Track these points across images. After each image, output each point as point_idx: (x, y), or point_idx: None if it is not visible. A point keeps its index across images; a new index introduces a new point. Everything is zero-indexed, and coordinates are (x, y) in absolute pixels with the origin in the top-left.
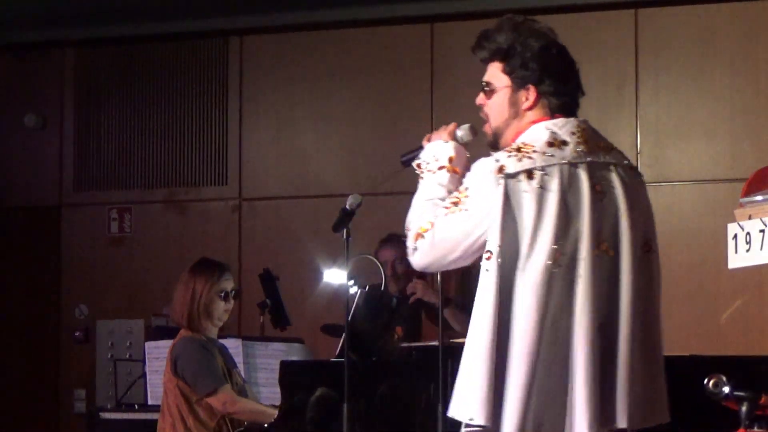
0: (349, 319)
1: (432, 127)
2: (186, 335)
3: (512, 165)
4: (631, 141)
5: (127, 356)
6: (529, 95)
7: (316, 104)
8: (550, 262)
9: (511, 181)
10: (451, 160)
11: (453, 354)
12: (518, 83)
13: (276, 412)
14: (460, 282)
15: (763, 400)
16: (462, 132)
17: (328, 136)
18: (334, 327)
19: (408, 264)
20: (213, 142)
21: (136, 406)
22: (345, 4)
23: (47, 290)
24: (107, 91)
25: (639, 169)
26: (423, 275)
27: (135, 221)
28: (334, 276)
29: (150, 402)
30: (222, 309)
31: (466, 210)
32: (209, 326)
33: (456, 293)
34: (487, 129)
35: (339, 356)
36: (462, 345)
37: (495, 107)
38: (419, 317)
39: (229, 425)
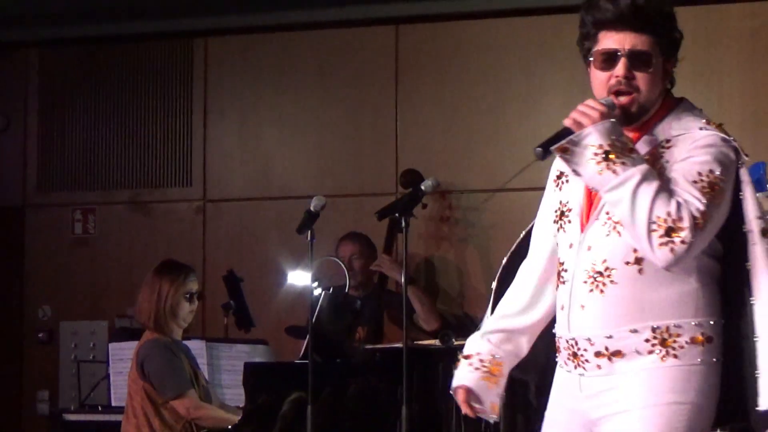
0: (313, 320)
1: (396, 131)
2: (152, 337)
3: (739, 145)
4: None
5: (91, 357)
6: (671, 70)
7: (281, 106)
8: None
9: (742, 170)
10: (630, 140)
11: (417, 356)
12: (668, 58)
13: (239, 417)
14: (425, 265)
15: None
16: (610, 102)
17: (292, 137)
18: (298, 329)
19: (366, 259)
20: (177, 144)
21: (100, 408)
22: (309, 6)
23: (10, 291)
24: (71, 91)
25: None
26: (390, 251)
27: (99, 222)
28: (298, 278)
29: (114, 403)
30: (187, 310)
31: (722, 195)
32: (175, 327)
33: (418, 274)
34: (633, 102)
35: (303, 358)
36: (425, 348)
37: (652, 82)
38: (382, 318)
39: (194, 429)
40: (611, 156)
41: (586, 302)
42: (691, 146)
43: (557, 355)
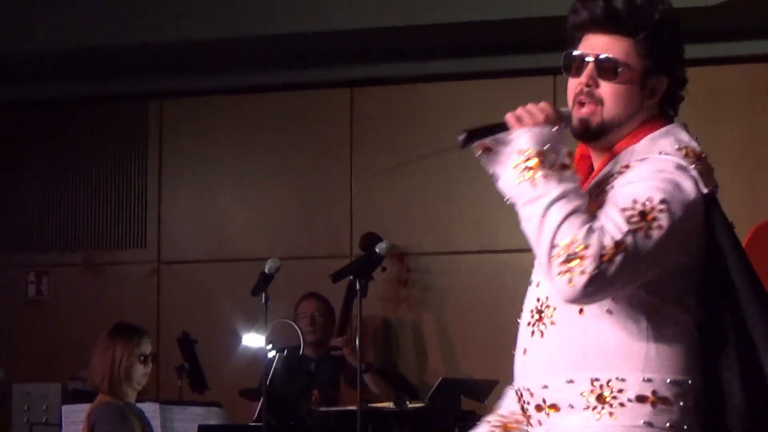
0: (268, 382)
1: (351, 193)
2: (104, 400)
3: (710, 179)
4: None
5: (44, 420)
6: (657, 87)
7: (236, 168)
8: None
9: (712, 197)
10: (570, 155)
11: (371, 418)
12: (653, 69)
13: None
14: (381, 347)
15: None
16: (568, 111)
17: (247, 200)
18: (252, 391)
19: (327, 317)
20: (132, 205)
21: None
22: (264, 69)
23: None
24: (25, 152)
25: None
26: (343, 332)
27: (52, 284)
28: (253, 340)
29: None
30: (141, 373)
31: (660, 228)
32: (128, 390)
33: (375, 359)
34: (595, 116)
35: (257, 420)
36: (379, 410)
37: (619, 95)
38: (338, 380)
39: None
40: (534, 166)
41: (528, 346)
42: (637, 170)
43: None
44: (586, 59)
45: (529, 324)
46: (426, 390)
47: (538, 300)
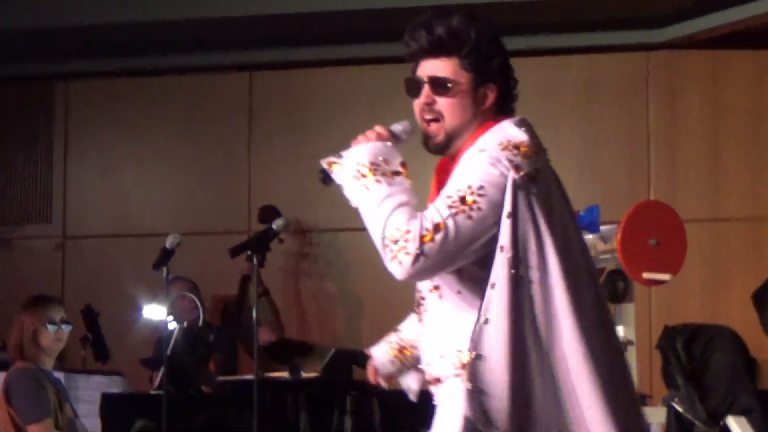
0: (169, 353)
1: (250, 173)
2: (20, 365)
3: (523, 165)
4: None
5: None
6: (488, 94)
7: (139, 147)
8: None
9: (523, 181)
10: (403, 165)
11: (267, 388)
12: (480, 80)
13: None
14: (284, 299)
15: None
16: (401, 128)
17: (150, 177)
18: (153, 360)
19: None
20: (38, 181)
21: None
22: (168, 52)
23: None
24: None
25: None
26: (242, 310)
27: None
28: (154, 312)
29: None
30: (52, 338)
31: (480, 209)
32: (41, 356)
33: (277, 330)
34: (439, 131)
35: (158, 389)
36: (275, 380)
37: (455, 106)
38: (236, 350)
39: None
40: (368, 174)
41: (418, 332)
42: (463, 164)
43: None
44: (421, 81)
45: (415, 313)
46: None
47: (419, 291)
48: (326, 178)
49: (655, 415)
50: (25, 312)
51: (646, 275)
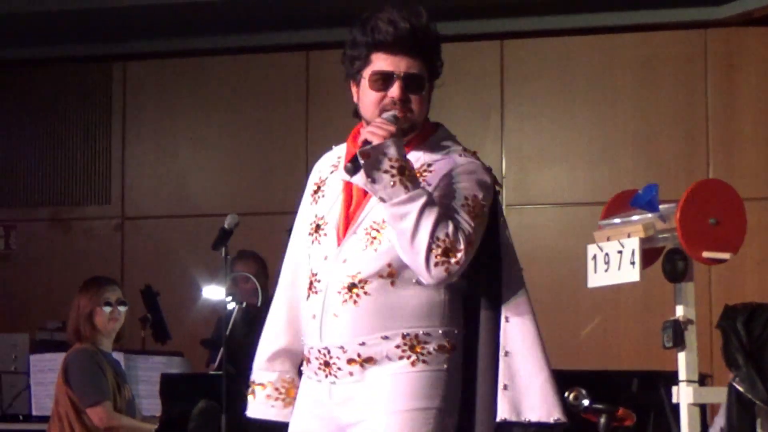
0: (227, 333)
1: (307, 153)
2: (78, 347)
3: (495, 177)
4: (496, 166)
5: (12, 369)
6: (431, 90)
7: (196, 127)
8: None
9: (499, 196)
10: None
11: None
12: (432, 79)
13: (155, 426)
14: None
15: (620, 412)
16: (394, 117)
17: (207, 158)
18: (212, 341)
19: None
20: (97, 163)
21: (21, 417)
22: (224, 33)
23: None
24: None
25: (504, 193)
26: None
27: (20, 238)
28: (213, 292)
29: (34, 413)
30: (107, 318)
31: (484, 222)
32: (98, 337)
33: None
34: (404, 122)
35: (217, 369)
36: None
37: (422, 104)
38: None
39: None
40: (405, 172)
41: (339, 312)
42: (454, 172)
43: (305, 366)
44: (395, 75)
45: (339, 293)
46: None
47: (348, 275)
48: (356, 169)
49: (716, 395)
50: (81, 294)
51: (705, 254)
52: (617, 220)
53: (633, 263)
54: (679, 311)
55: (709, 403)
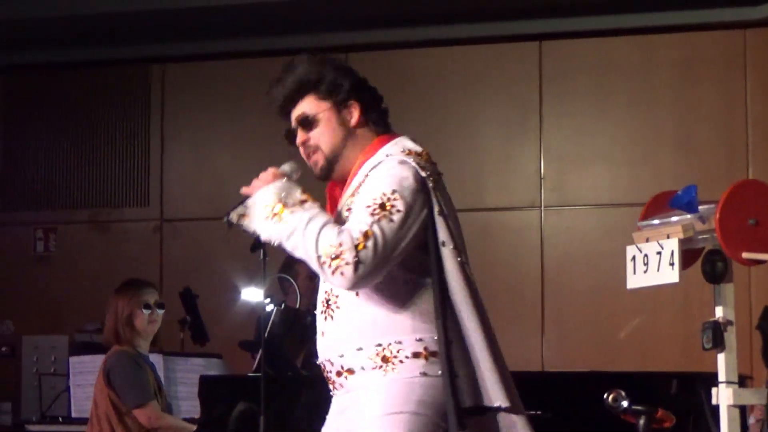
0: (266, 335)
1: None
2: (118, 349)
3: (428, 168)
4: (535, 166)
5: (52, 371)
6: (353, 112)
7: (233, 128)
8: (460, 259)
9: (434, 183)
10: (305, 193)
11: None
12: (339, 102)
13: (195, 427)
14: None
15: (659, 413)
16: (290, 168)
17: (244, 159)
18: (251, 343)
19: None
20: (135, 165)
21: (61, 419)
22: (262, 35)
23: None
24: (34, 114)
25: (543, 193)
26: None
27: (59, 241)
28: (252, 294)
29: (74, 415)
30: (146, 320)
31: (399, 211)
32: (137, 339)
33: None
34: (319, 159)
35: (256, 371)
36: None
37: (325, 134)
38: None
39: None
40: (280, 210)
41: (324, 328)
42: (369, 175)
43: None
44: (294, 128)
45: (322, 312)
46: None
47: (326, 292)
48: (230, 225)
49: (755, 397)
50: (119, 296)
51: (745, 255)
52: (656, 221)
53: (672, 264)
54: (719, 312)
55: (748, 404)
